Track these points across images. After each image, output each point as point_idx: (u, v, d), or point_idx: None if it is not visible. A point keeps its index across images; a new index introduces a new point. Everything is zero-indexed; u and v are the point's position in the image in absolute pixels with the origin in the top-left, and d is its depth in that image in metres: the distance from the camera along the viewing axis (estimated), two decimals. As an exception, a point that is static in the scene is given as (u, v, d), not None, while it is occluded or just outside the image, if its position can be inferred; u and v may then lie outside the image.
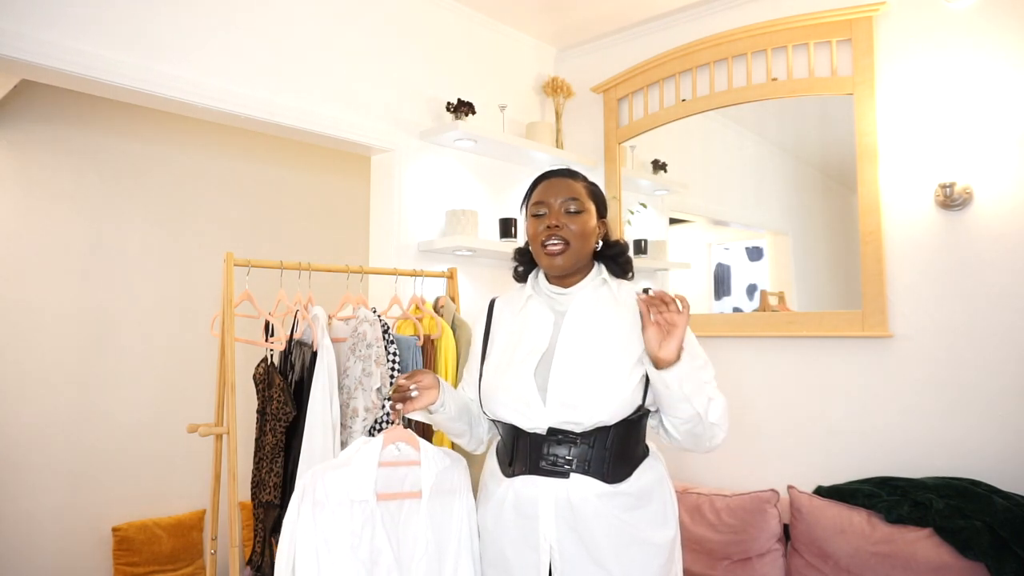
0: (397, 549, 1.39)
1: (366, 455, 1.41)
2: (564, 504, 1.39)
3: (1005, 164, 2.27)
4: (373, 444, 1.43)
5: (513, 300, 1.62)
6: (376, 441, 1.43)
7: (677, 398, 1.37)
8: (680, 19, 3.09)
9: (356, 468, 1.39)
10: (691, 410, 1.37)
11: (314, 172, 4.06)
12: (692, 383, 1.37)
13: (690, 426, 1.41)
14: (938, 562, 2.10)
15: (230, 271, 2.06)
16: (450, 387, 1.55)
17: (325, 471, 1.40)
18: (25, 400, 2.99)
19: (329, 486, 1.38)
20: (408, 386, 1.43)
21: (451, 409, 1.52)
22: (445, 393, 1.50)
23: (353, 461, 1.41)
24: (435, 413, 1.50)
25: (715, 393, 1.45)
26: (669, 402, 1.39)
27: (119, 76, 2.06)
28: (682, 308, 1.33)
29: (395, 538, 1.39)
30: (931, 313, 2.39)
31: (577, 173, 1.57)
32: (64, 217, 3.13)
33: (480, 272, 3.05)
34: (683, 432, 1.43)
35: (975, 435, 2.30)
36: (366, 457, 1.41)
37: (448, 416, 1.52)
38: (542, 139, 3.18)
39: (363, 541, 1.36)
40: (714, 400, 1.42)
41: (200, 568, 3.31)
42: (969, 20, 2.36)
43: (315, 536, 1.34)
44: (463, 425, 1.58)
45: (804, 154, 2.88)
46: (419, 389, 1.45)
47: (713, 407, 1.41)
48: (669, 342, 1.34)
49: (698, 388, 1.38)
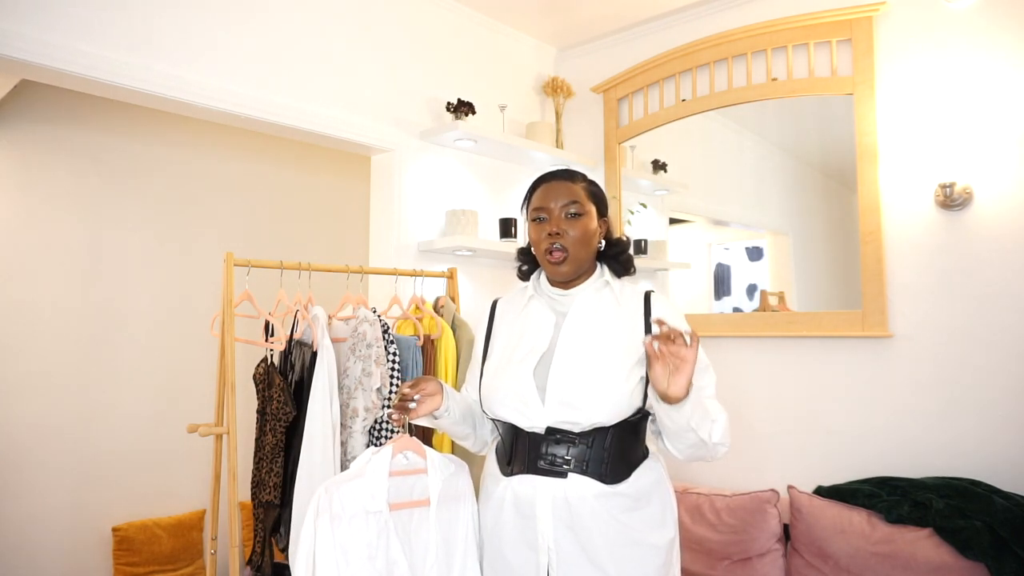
0: (410, 557, 1.40)
1: (377, 466, 1.41)
2: (562, 504, 1.39)
3: (1005, 164, 2.27)
4: (383, 454, 1.43)
5: (515, 301, 1.62)
6: (385, 451, 1.43)
7: (683, 428, 1.35)
8: (680, 19, 3.09)
9: (369, 479, 1.40)
10: (695, 438, 1.36)
11: (314, 172, 4.06)
12: (698, 414, 1.34)
13: (692, 449, 1.40)
14: (938, 562, 2.10)
15: (230, 271, 2.06)
16: (453, 391, 1.55)
17: (338, 484, 1.39)
18: (25, 400, 2.99)
19: (345, 499, 1.38)
20: (411, 395, 1.43)
21: (455, 413, 1.53)
22: (449, 398, 1.51)
23: (366, 472, 1.41)
24: (439, 419, 1.51)
25: (717, 411, 1.41)
26: (674, 432, 1.38)
27: (119, 76, 2.06)
28: (690, 343, 1.24)
29: (408, 546, 1.41)
30: (931, 313, 2.39)
31: (576, 173, 1.57)
32: (64, 217, 3.13)
33: (480, 272, 3.05)
34: (683, 452, 1.43)
35: (975, 435, 2.30)
36: (378, 468, 1.41)
37: (453, 420, 1.53)
38: (542, 139, 3.18)
39: (379, 551, 1.37)
40: (717, 422, 1.39)
41: (200, 568, 3.31)
42: (969, 20, 2.36)
43: (334, 550, 1.35)
44: (467, 428, 1.59)
45: (804, 154, 2.88)
46: (422, 395, 1.45)
47: (716, 429, 1.38)
48: (678, 378, 1.27)
49: (703, 417, 1.35)
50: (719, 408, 1.43)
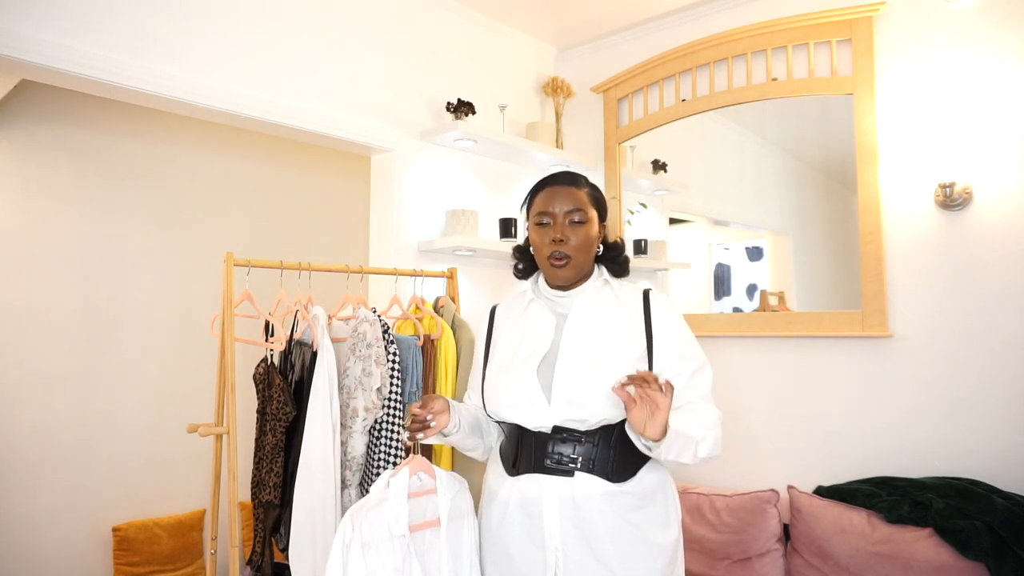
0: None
1: (398, 489, 1.41)
2: (568, 502, 1.39)
3: (1005, 164, 2.27)
4: (402, 477, 1.43)
5: (514, 305, 1.63)
6: (403, 473, 1.43)
7: (664, 461, 1.42)
8: (680, 19, 3.09)
9: (392, 503, 1.40)
10: (676, 465, 1.42)
11: (314, 172, 4.06)
12: (679, 445, 1.35)
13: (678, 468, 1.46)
14: (938, 562, 2.10)
15: (230, 271, 2.06)
16: (458, 405, 1.56)
17: (366, 511, 1.39)
18: (25, 400, 2.99)
19: (373, 525, 1.38)
20: (424, 415, 1.43)
21: (465, 427, 1.54)
22: (456, 413, 1.52)
23: (389, 497, 1.41)
24: (449, 435, 1.52)
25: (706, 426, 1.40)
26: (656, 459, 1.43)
27: (119, 76, 2.06)
28: (664, 390, 1.29)
29: (424, 567, 1.41)
30: (931, 313, 2.39)
31: (579, 177, 1.57)
32: (64, 217, 3.13)
33: (480, 272, 3.05)
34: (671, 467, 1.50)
35: (975, 435, 2.30)
36: (398, 491, 1.41)
37: (463, 435, 1.55)
38: (542, 139, 3.18)
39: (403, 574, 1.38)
40: (703, 442, 1.38)
41: (200, 568, 3.31)
42: (969, 20, 2.36)
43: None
44: (476, 439, 1.60)
45: (804, 154, 2.88)
46: (433, 415, 1.45)
47: (702, 448, 1.37)
48: (653, 424, 1.30)
49: (685, 446, 1.35)
50: (710, 416, 1.43)
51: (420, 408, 1.44)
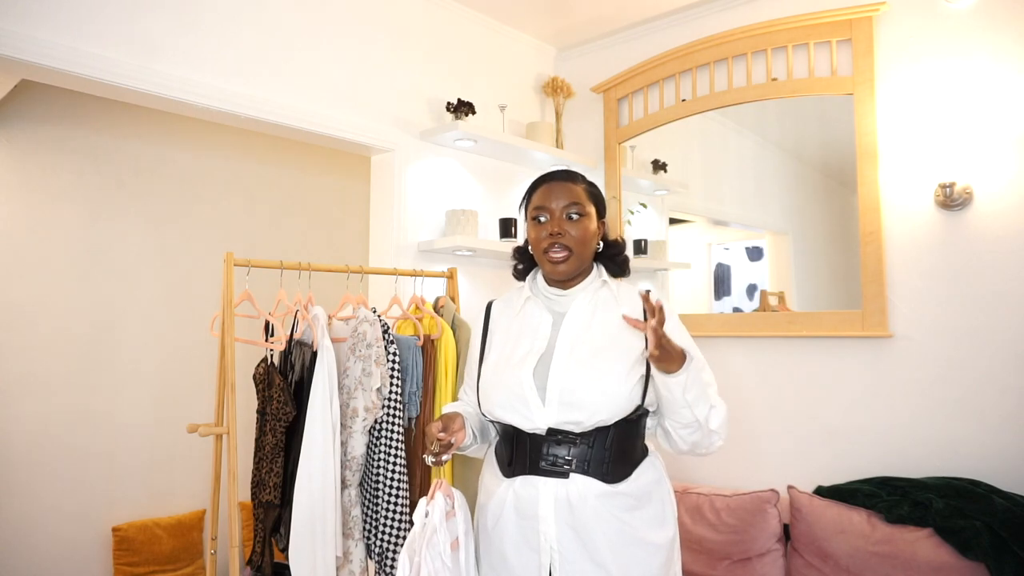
0: None
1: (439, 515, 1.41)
2: (564, 504, 1.39)
3: (1005, 164, 2.27)
4: (439, 503, 1.42)
5: (511, 302, 1.62)
6: (439, 499, 1.43)
7: (680, 404, 1.38)
8: (680, 19, 3.09)
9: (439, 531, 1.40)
10: (691, 416, 1.39)
11: (314, 172, 4.06)
12: (695, 390, 1.37)
13: (689, 431, 1.43)
14: (938, 562, 2.10)
15: (230, 271, 2.06)
16: (467, 415, 1.57)
17: (423, 544, 1.39)
18: (25, 400, 2.99)
19: (433, 557, 1.38)
20: (448, 438, 1.42)
21: (477, 437, 1.57)
22: (470, 425, 1.54)
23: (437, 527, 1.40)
24: (465, 449, 1.55)
25: (717, 400, 1.45)
26: (671, 406, 1.40)
27: (119, 76, 2.06)
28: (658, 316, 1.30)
29: None
30: (931, 313, 2.39)
31: (576, 174, 1.57)
32: (64, 217, 3.13)
33: (480, 272, 3.05)
34: (682, 436, 1.45)
35: (975, 435, 2.30)
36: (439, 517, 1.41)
37: (478, 446, 1.58)
38: (542, 139, 3.18)
39: None
40: (716, 408, 1.43)
41: (200, 568, 3.31)
42: (969, 20, 2.36)
43: None
44: (484, 443, 1.63)
45: (804, 154, 2.88)
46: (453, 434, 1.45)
47: (714, 415, 1.43)
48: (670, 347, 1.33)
49: (701, 395, 1.39)
50: (719, 400, 1.47)
51: (443, 432, 1.42)
